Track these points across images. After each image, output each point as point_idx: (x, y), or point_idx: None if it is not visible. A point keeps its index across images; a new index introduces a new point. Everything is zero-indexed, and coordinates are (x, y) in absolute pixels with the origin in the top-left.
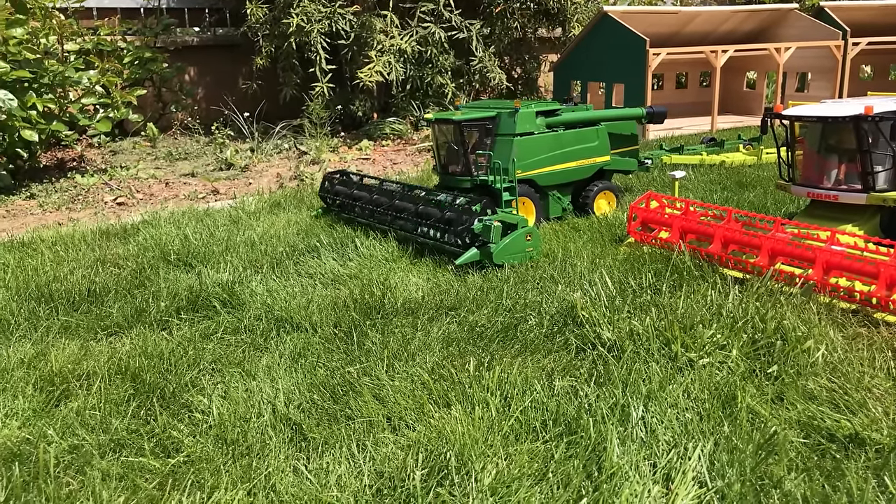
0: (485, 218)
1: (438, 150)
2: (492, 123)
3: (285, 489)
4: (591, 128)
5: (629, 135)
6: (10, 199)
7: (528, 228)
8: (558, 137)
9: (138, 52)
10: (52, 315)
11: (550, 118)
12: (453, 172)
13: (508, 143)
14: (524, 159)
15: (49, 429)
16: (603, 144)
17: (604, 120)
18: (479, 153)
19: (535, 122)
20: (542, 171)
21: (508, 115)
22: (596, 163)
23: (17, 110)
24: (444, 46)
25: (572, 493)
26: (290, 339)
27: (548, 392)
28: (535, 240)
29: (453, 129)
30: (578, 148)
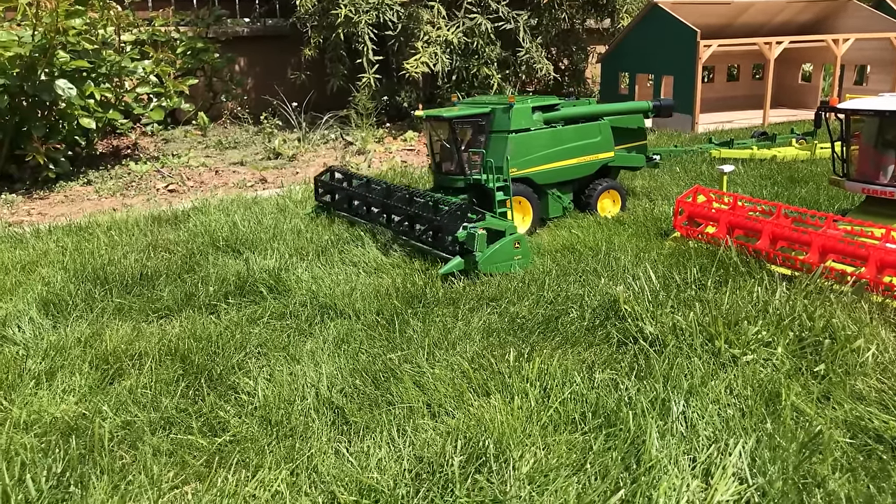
0: (469, 225)
1: (432, 149)
2: (485, 120)
3: (327, 470)
4: (594, 123)
5: (636, 129)
6: (68, 184)
7: (517, 235)
8: (557, 133)
9: (191, 43)
10: (106, 297)
11: (548, 114)
12: (447, 171)
13: (503, 141)
14: (520, 157)
15: (104, 405)
16: (606, 140)
17: (607, 114)
18: (472, 151)
19: (532, 118)
20: (539, 169)
21: (503, 111)
22: (599, 159)
23: (76, 99)
24: (491, 37)
25: (610, 485)
26: (333, 325)
27: (588, 384)
28: (524, 247)
29: (445, 127)
30: (579, 144)
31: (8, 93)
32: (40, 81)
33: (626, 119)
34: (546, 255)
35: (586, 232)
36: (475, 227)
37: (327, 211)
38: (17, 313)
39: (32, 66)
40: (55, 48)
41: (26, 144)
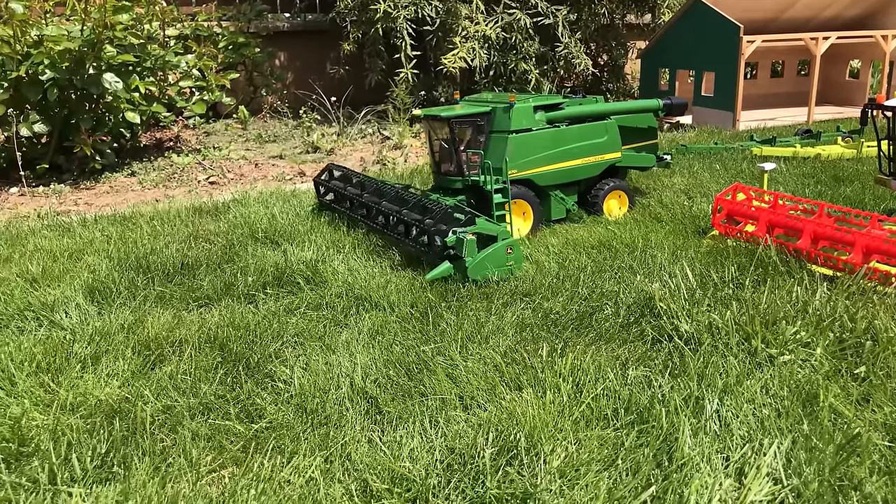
0: (458, 229)
1: (431, 149)
2: (484, 120)
3: (360, 459)
4: (600, 122)
5: (647, 128)
6: (113, 175)
7: (509, 241)
8: (560, 134)
9: (232, 38)
10: (149, 285)
11: (552, 113)
12: (446, 172)
13: (503, 141)
14: (521, 158)
15: (145, 389)
16: (613, 140)
17: (615, 113)
18: (470, 151)
19: (534, 118)
20: (540, 171)
21: (503, 110)
22: (604, 160)
23: (122, 92)
24: (529, 32)
25: (641, 480)
26: (368, 316)
27: (621, 381)
28: (517, 253)
29: (443, 126)
30: (584, 144)
31: (58, 86)
32: (88, 75)
33: (635, 118)
34: (582, 252)
35: (623, 228)
36: (465, 231)
37: (330, 210)
38: (65, 299)
39: (81, 60)
40: (103, 43)
41: (74, 136)
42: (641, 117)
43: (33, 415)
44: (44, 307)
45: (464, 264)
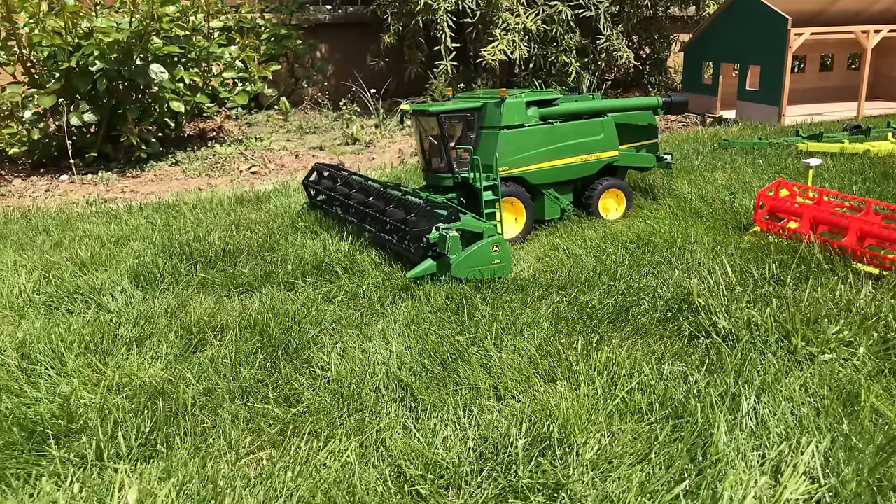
0: (442, 226)
1: (421, 146)
2: (474, 115)
3: (394, 445)
4: (595, 119)
5: (647, 126)
6: (158, 164)
7: (496, 238)
8: (554, 130)
9: (275, 29)
10: (191, 271)
11: (545, 109)
12: (435, 169)
13: (494, 137)
14: (512, 155)
15: (187, 372)
16: (609, 138)
17: (612, 110)
18: (459, 148)
19: (526, 114)
20: (533, 168)
21: (494, 105)
22: (600, 159)
23: (167, 83)
24: (570, 25)
25: (674, 475)
26: (404, 306)
27: (656, 375)
28: (504, 251)
29: (432, 122)
30: (579, 142)
31: (106, 76)
32: (136, 66)
33: (633, 116)
34: (619, 246)
35: (662, 223)
36: (448, 228)
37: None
38: (111, 283)
39: (129, 52)
40: (150, 34)
41: (121, 126)
42: (641, 115)
43: (82, 393)
44: (92, 291)
45: (447, 262)
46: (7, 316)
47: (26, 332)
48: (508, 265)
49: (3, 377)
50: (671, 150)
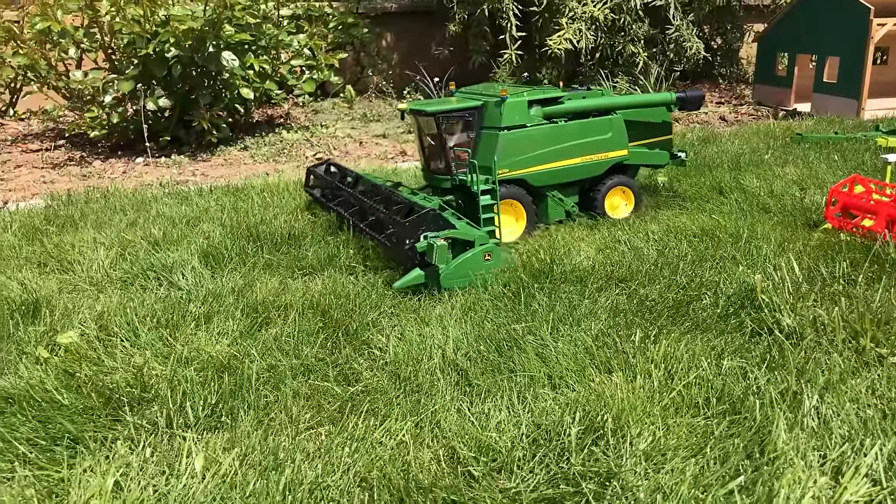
0: (430, 235)
1: (420, 145)
2: (472, 115)
3: (449, 427)
4: (603, 118)
5: (660, 123)
6: (227, 149)
7: (488, 247)
8: (558, 130)
9: (342, 18)
10: (258, 253)
11: (549, 107)
12: (434, 170)
13: (494, 138)
14: (513, 156)
15: (252, 349)
16: (618, 137)
17: (622, 107)
18: (456, 149)
19: (528, 114)
20: (535, 170)
21: (494, 105)
22: (608, 158)
23: (238, 70)
24: (639, 14)
25: (729, 470)
26: (461, 293)
27: (714, 370)
28: (497, 259)
29: (430, 122)
30: (585, 142)
31: (181, 63)
32: (208, 53)
33: (645, 112)
34: (683, 240)
35: (728, 218)
36: (436, 236)
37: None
38: (182, 262)
39: (202, 39)
40: (222, 22)
41: (194, 111)
42: (654, 111)
43: (153, 365)
44: (164, 268)
45: (436, 272)
46: (87, 290)
47: (104, 306)
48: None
49: (83, 347)
50: (739, 143)
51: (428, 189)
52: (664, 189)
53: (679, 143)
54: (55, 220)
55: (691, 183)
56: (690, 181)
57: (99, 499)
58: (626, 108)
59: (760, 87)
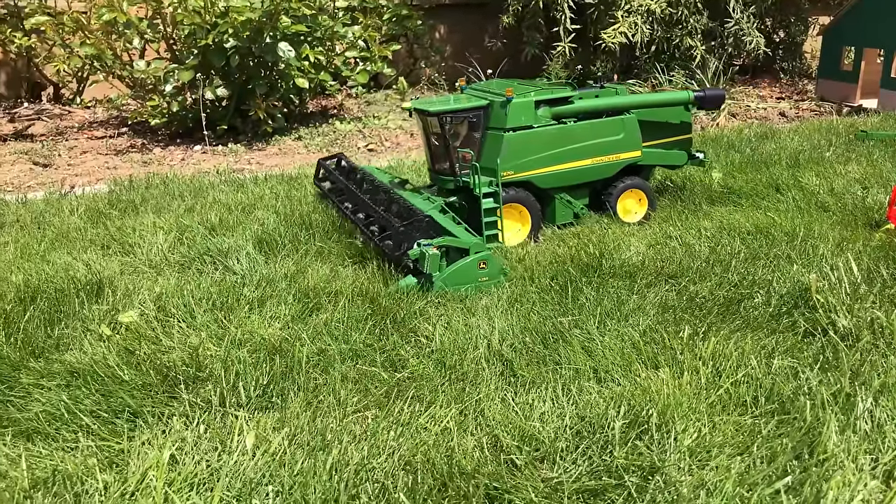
0: (423, 242)
1: (425, 145)
2: (477, 116)
3: (493, 415)
4: (616, 118)
5: (679, 122)
6: (282, 139)
7: (483, 255)
8: (566, 131)
9: (396, 10)
10: (310, 240)
11: (558, 107)
12: (439, 171)
13: (499, 139)
14: (519, 158)
15: (303, 333)
16: (631, 137)
17: (636, 107)
18: (460, 150)
19: (535, 114)
20: (542, 172)
21: (500, 105)
22: (620, 160)
23: (293, 60)
24: (698, 6)
25: (776, 470)
26: (508, 285)
27: (764, 370)
28: (493, 267)
29: (434, 122)
30: (595, 143)
31: (238, 53)
32: (265, 44)
33: (662, 112)
34: (736, 237)
35: (784, 216)
36: (429, 244)
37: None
38: (237, 248)
39: (259, 30)
40: (279, 13)
41: (250, 101)
42: (671, 111)
43: (208, 346)
44: (220, 253)
45: (430, 280)
46: (146, 272)
47: (162, 288)
48: (497, 279)
49: (143, 326)
50: (799, 139)
51: (433, 188)
52: (718, 185)
53: (735, 139)
54: (118, 205)
55: (747, 179)
56: (746, 178)
57: (156, 470)
58: (641, 108)
59: (824, 82)
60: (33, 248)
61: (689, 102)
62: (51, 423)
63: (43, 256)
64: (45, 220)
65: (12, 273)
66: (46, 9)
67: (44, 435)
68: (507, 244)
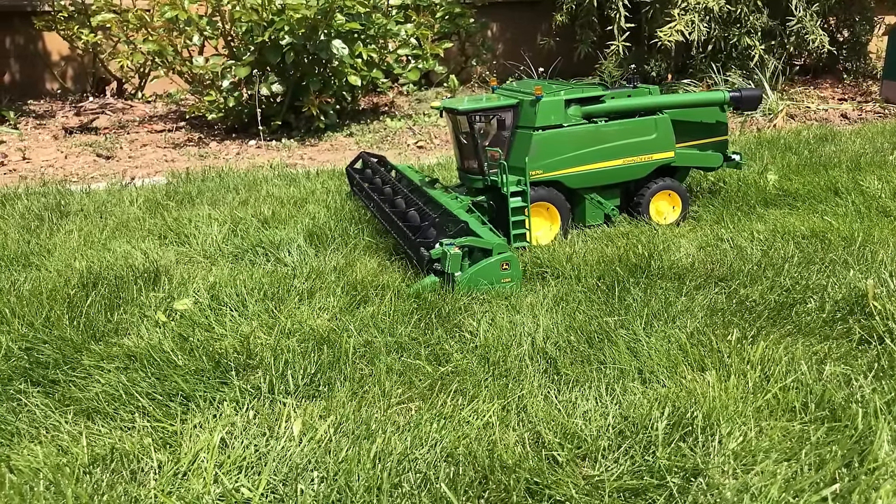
0: (446, 241)
1: (455, 144)
2: (506, 114)
3: (535, 412)
4: (648, 118)
5: (714, 123)
6: (334, 135)
7: (506, 256)
8: (597, 131)
9: (449, 8)
10: (359, 235)
11: (589, 107)
12: (468, 169)
13: (528, 138)
14: (548, 157)
15: (350, 324)
16: (664, 137)
17: (669, 107)
18: (488, 149)
19: (565, 113)
20: (571, 172)
21: (530, 104)
22: (652, 161)
23: (346, 58)
24: (758, 4)
25: (824, 476)
26: (555, 283)
27: (815, 376)
28: (515, 268)
29: (463, 120)
30: (627, 143)
31: (294, 50)
32: (320, 41)
33: (696, 112)
34: (790, 240)
35: (842, 220)
36: (451, 244)
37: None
38: (289, 240)
39: (315, 28)
40: (334, 11)
41: (304, 97)
42: (706, 111)
43: (259, 334)
44: (272, 245)
45: (452, 279)
46: (201, 262)
47: (216, 277)
48: (519, 283)
49: (196, 314)
50: (861, 142)
51: (462, 188)
52: (773, 188)
53: (793, 141)
54: (175, 196)
55: (804, 182)
56: (803, 180)
57: (207, 452)
58: (674, 108)
59: (889, 83)
60: (95, 237)
61: (725, 103)
62: (109, 404)
63: (104, 244)
64: (107, 210)
65: (76, 260)
66: (112, 6)
67: (103, 414)
68: (535, 243)
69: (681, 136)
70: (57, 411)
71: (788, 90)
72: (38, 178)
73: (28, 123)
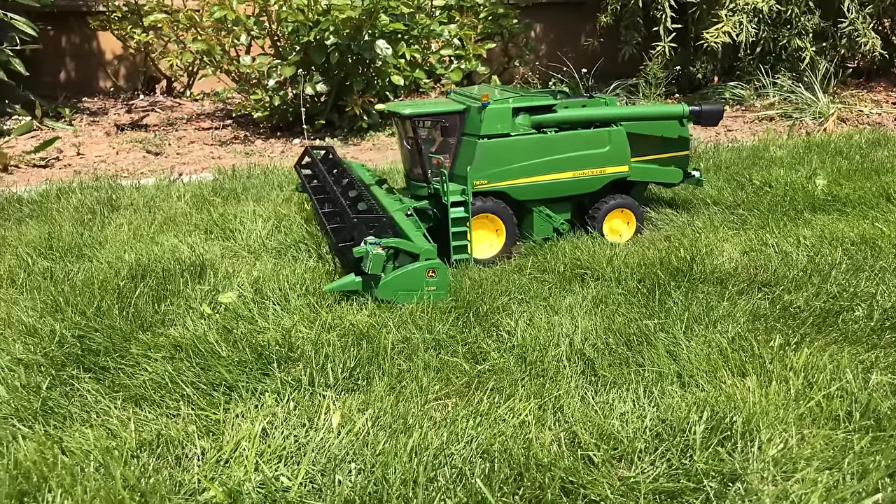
0: (370, 241)
1: (401, 148)
2: (450, 120)
3: (571, 412)
4: (602, 129)
5: (676, 138)
6: (376, 134)
7: (433, 263)
8: (546, 141)
9: (493, 8)
10: None
11: (539, 116)
12: (413, 176)
13: (472, 146)
14: (493, 167)
15: (389, 321)
16: (618, 151)
17: (625, 119)
18: (431, 156)
19: (513, 122)
20: (517, 183)
21: (476, 111)
22: (605, 174)
23: (390, 58)
24: (809, 5)
25: (866, 486)
26: (594, 284)
27: (860, 384)
28: (442, 277)
29: (406, 125)
30: (578, 155)
31: (338, 50)
32: (364, 41)
33: (656, 126)
34: (838, 247)
35: (893, 227)
36: (376, 243)
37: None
38: None
39: (359, 28)
40: (378, 12)
41: (348, 97)
42: (666, 125)
43: (300, 328)
44: (314, 242)
45: (375, 280)
46: (245, 256)
47: (259, 272)
48: (445, 291)
49: (241, 307)
50: None
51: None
52: (822, 193)
53: (844, 146)
54: (221, 192)
55: (854, 187)
56: (853, 185)
57: (248, 441)
58: (630, 120)
59: None
60: (144, 230)
61: (684, 116)
62: (156, 391)
63: (152, 238)
64: (155, 205)
65: (126, 252)
66: (164, 7)
67: (150, 401)
68: (477, 257)
69: (637, 150)
70: (107, 397)
71: (840, 93)
72: (91, 173)
73: (82, 120)
